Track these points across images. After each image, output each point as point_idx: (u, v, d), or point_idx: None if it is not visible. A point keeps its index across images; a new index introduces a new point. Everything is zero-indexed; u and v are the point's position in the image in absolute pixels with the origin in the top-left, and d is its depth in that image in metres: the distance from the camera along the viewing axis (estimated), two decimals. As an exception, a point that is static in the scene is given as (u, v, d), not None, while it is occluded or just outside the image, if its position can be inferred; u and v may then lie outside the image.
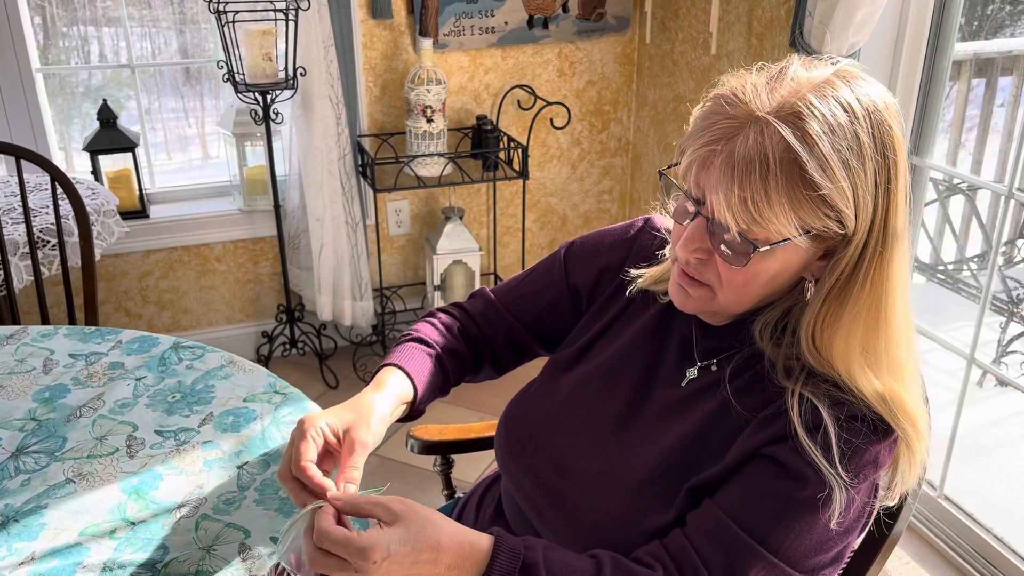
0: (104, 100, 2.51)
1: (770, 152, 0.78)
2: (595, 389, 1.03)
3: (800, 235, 0.81)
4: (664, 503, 0.91)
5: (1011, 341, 2.74)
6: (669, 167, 0.92)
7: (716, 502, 0.87)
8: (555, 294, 1.14)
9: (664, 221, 1.09)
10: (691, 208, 0.86)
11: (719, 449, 0.90)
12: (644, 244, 1.08)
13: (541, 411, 1.06)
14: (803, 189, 0.78)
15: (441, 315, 1.19)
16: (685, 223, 0.88)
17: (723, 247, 0.84)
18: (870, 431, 0.84)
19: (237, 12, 2.29)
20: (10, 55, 2.40)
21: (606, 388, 1.02)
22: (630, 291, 1.05)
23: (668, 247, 1.04)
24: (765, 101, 0.80)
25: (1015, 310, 2.78)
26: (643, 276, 1.04)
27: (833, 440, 0.83)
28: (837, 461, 0.82)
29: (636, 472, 0.94)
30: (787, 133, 0.78)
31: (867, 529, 0.95)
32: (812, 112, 0.79)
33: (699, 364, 0.97)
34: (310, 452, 0.87)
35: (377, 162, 2.54)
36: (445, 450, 1.39)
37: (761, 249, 0.82)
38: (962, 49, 2.99)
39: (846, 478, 0.83)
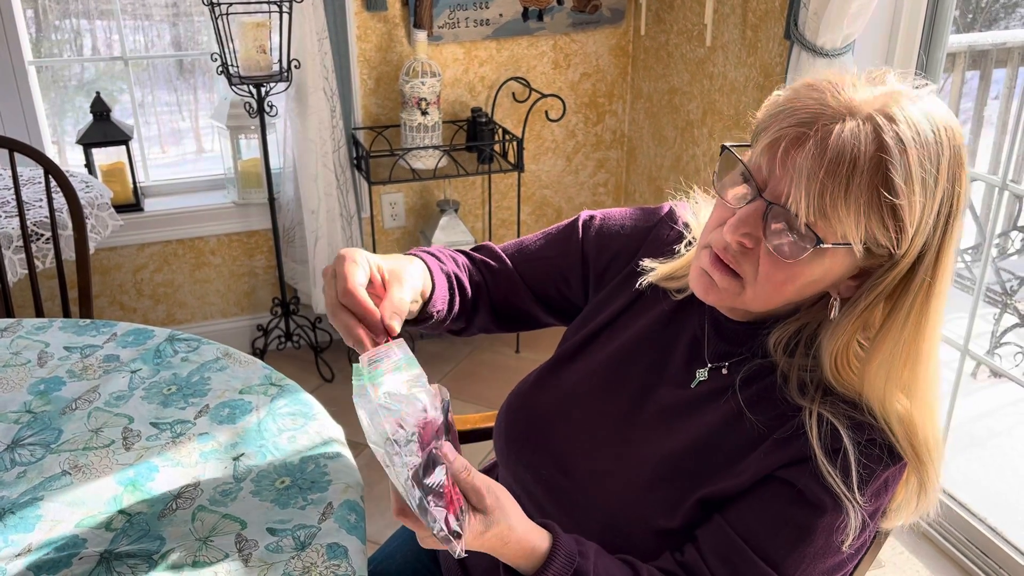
0: (97, 93, 2.50)
1: (863, 148, 0.75)
2: (599, 384, 1.01)
3: (860, 243, 0.78)
4: (670, 507, 0.90)
5: (1004, 332, 2.75)
6: (733, 146, 0.87)
7: (729, 522, 0.86)
8: (570, 263, 1.09)
9: (685, 214, 1.05)
10: (750, 191, 0.82)
11: (730, 460, 0.89)
12: (660, 235, 1.05)
13: (543, 405, 1.04)
14: (882, 195, 0.76)
15: (445, 249, 1.11)
16: (738, 206, 0.83)
17: (777, 237, 0.80)
18: (887, 457, 0.84)
19: (231, 4, 2.28)
20: (3, 48, 2.39)
21: (611, 384, 1.00)
22: (640, 284, 1.02)
23: (690, 239, 1.01)
24: (865, 97, 0.78)
25: (1008, 301, 2.79)
26: (655, 271, 1.01)
27: (852, 465, 0.82)
28: (855, 486, 0.82)
29: (643, 474, 0.93)
30: (885, 132, 0.76)
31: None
32: (908, 120, 0.77)
33: (709, 365, 0.95)
34: (358, 275, 0.81)
35: (372, 155, 2.54)
36: (441, 442, 1.38)
37: (824, 246, 0.78)
38: (956, 41, 2.99)
39: (861, 502, 0.82)
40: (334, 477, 1.07)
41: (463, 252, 1.12)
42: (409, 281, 0.88)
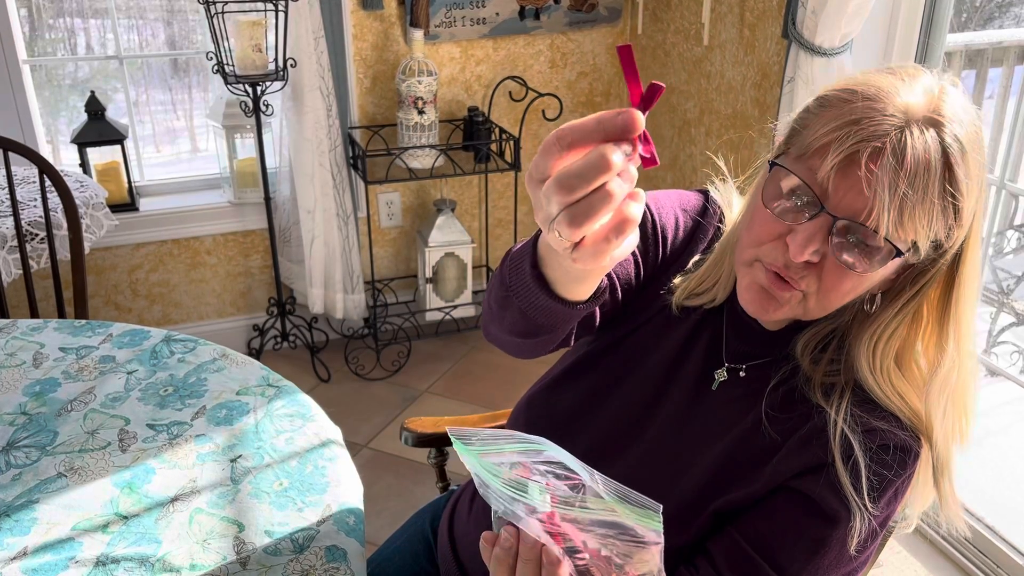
0: (92, 92, 2.49)
1: (932, 154, 0.75)
2: (622, 390, 0.99)
3: (927, 245, 0.78)
4: (686, 522, 0.89)
5: (1001, 331, 2.75)
6: (777, 157, 0.83)
7: (743, 536, 0.85)
8: (647, 253, 0.99)
9: (721, 202, 1.00)
10: (809, 206, 0.79)
11: (748, 469, 0.88)
12: (704, 233, 0.99)
13: (565, 404, 1.01)
14: (950, 197, 0.76)
15: None
16: (796, 222, 0.80)
17: (846, 250, 0.78)
18: (898, 465, 0.83)
19: (226, 3, 2.27)
20: (-4, 46, 2.37)
21: (633, 389, 0.98)
22: (671, 308, 0.97)
23: (724, 243, 0.96)
24: (916, 99, 0.77)
25: (1005, 300, 2.79)
26: (679, 289, 0.96)
27: (863, 472, 0.82)
28: (865, 492, 0.81)
29: (664, 490, 0.91)
30: (946, 134, 0.75)
31: None
32: (957, 117, 0.77)
33: (727, 365, 0.94)
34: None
35: (368, 154, 2.53)
36: (439, 443, 1.38)
37: (903, 256, 0.78)
38: (952, 40, 2.99)
39: (872, 510, 0.82)
40: (332, 479, 1.06)
41: None
42: None
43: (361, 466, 2.34)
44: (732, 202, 1.00)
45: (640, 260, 0.99)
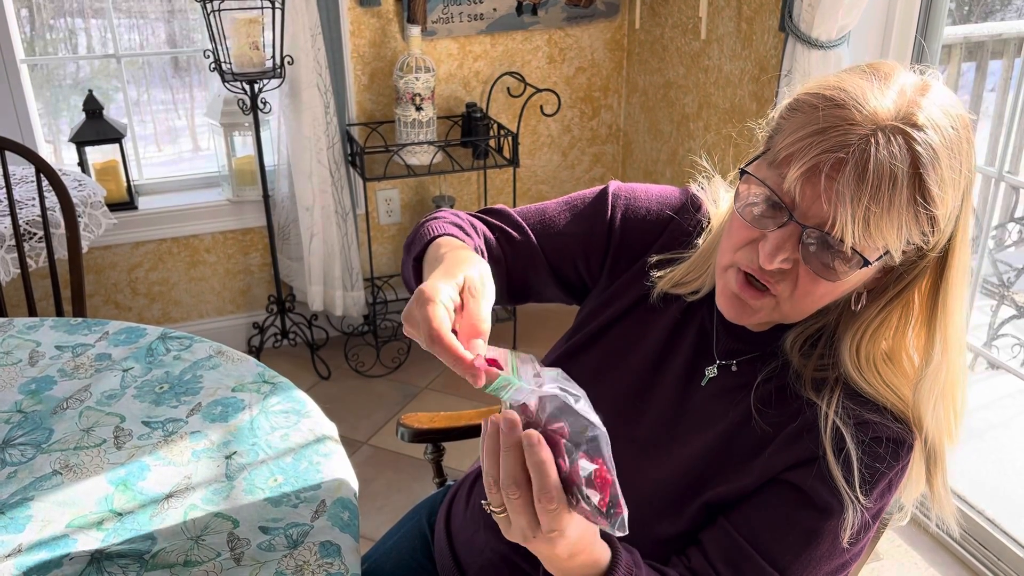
0: (90, 91, 2.49)
1: (899, 164, 0.73)
2: (608, 383, 0.99)
3: (899, 251, 0.78)
4: (675, 513, 0.89)
5: (1002, 324, 2.74)
6: (748, 164, 0.83)
7: (735, 527, 0.86)
8: (594, 243, 1.03)
9: (705, 199, 1.01)
10: (780, 214, 0.79)
11: (739, 462, 0.88)
12: (681, 227, 1.00)
13: None
14: (921, 206, 0.75)
15: (463, 214, 1.01)
16: (768, 229, 0.80)
17: (817, 259, 0.78)
18: (891, 457, 0.83)
19: (223, 0, 2.27)
20: (-6, 46, 2.38)
21: (619, 382, 0.98)
22: (652, 298, 0.99)
23: (708, 229, 0.97)
24: (886, 104, 0.76)
25: (1006, 293, 2.78)
26: (663, 278, 0.97)
27: (855, 464, 0.82)
28: (858, 485, 0.81)
29: (653, 481, 0.91)
30: (916, 142, 0.74)
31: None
32: (932, 122, 0.75)
33: (719, 362, 0.94)
34: (443, 321, 0.71)
35: (366, 151, 2.53)
36: (435, 438, 1.38)
37: (873, 263, 0.78)
38: (952, 33, 2.98)
39: (865, 502, 0.82)
40: (327, 475, 1.06)
41: (480, 217, 1.04)
42: (489, 278, 0.79)
43: (362, 463, 2.34)
44: (719, 198, 1.00)
45: (590, 250, 1.02)
